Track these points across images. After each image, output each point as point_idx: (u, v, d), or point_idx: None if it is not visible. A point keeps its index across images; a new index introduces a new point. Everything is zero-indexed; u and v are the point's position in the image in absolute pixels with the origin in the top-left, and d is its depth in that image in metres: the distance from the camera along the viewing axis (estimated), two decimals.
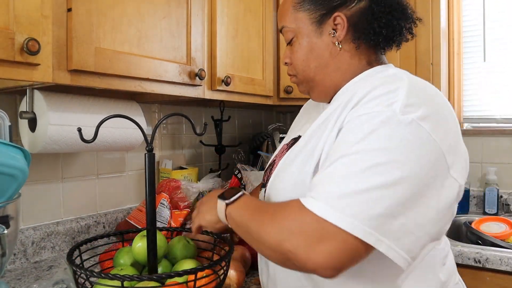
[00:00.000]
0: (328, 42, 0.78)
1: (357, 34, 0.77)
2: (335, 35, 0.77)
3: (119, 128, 1.17)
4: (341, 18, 0.76)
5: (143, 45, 1.03)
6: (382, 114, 0.62)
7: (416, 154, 0.60)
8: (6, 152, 0.76)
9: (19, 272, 1.06)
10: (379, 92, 0.65)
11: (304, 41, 0.80)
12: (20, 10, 0.76)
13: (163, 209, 1.30)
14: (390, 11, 0.75)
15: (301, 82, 0.85)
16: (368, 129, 0.62)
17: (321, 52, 0.79)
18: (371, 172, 0.58)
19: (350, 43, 0.77)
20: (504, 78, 1.90)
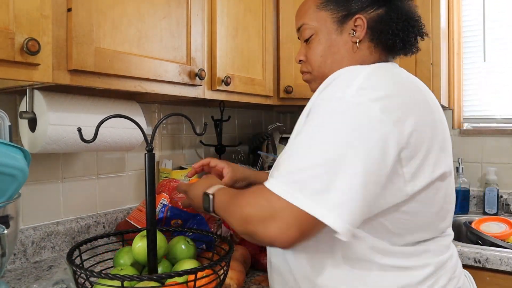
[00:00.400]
0: (347, 40, 0.84)
1: (373, 35, 0.82)
2: (355, 35, 0.83)
3: (119, 128, 1.17)
4: (362, 20, 0.82)
5: (143, 45, 1.03)
6: (334, 98, 0.67)
7: (360, 132, 0.63)
8: (6, 152, 0.76)
9: (19, 272, 1.06)
10: (341, 78, 0.69)
11: (324, 38, 0.85)
12: (20, 10, 0.76)
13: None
14: (406, 18, 0.82)
15: (315, 79, 0.89)
16: (320, 112, 0.67)
17: (339, 48, 0.84)
18: (315, 149, 0.64)
19: (367, 42, 0.83)
20: (504, 78, 1.90)
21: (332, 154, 0.62)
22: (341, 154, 0.62)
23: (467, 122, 1.98)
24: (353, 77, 0.68)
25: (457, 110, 1.97)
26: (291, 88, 1.58)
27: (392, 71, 0.73)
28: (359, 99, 0.65)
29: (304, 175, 0.62)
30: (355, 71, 0.70)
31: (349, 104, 0.65)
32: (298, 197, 0.61)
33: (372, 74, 0.68)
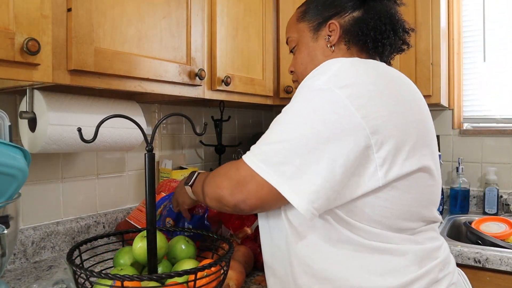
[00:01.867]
0: (322, 45, 0.89)
1: (347, 37, 0.87)
2: (329, 40, 0.88)
3: (119, 128, 1.17)
4: (335, 25, 0.87)
5: (143, 45, 1.03)
6: (306, 85, 0.72)
7: (323, 115, 0.68)
8: (6, 152, 0.76)
9: (19, 272, 1.06)
10: (320, 68, 0.73)
11: (303, 47, 0.92)
12: (20, 10, 0.76)
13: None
14: (379, 17, 0.85)
15: None
16: (296, 97, 0.74)
17: (316, 54, 0.90)
18: (281, 128, 0.71)
19: (342, 45, 0.88)
20: (504, 78, 1.90)
21: (294, 134, 0.69)
22: (304, 135, 0.68)
23: (467, 122, 1.98)
24: (328, 67, 0.72)
25: (457, 110, 1.97)
26: (291, 88, 1.58)
27: (370, 64, 0.75)
28: (328, 85, 0.69)
29: (267, 148, 0.71)
30: (331, 62, 0.73)
31: (318, 90, 0.70)
32: (263, 168, 0.69)
33: (345, 66, 0.72)
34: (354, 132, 0.67)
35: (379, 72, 0.74)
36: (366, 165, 0.69)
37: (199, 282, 0.75)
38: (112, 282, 0.72)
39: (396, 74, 0.79)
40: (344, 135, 0.67)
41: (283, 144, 0.69)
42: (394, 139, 0.69)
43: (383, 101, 0.70)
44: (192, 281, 0.74)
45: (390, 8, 0.88)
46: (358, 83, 0.69)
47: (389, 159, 0.69)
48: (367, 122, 0.67)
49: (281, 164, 0.68)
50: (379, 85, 0.71)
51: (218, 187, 0.76)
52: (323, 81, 0.70)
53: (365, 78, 0.71)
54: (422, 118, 0.77)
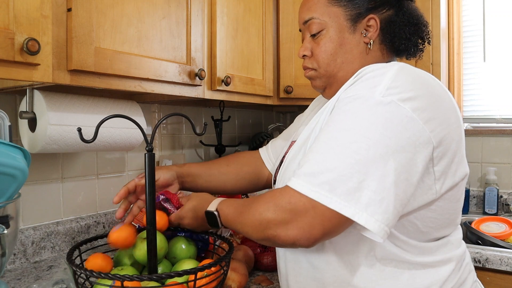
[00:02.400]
0: (359, 40, 0.81)
1: (385, 37, 0.81)
2: (367, 35, 0.80)
3: (119, 128, 1.17)
4: (375, 20, 0.80)
5: (143, 45, 1.03)
6: (362, 96, 0.66)
7: (391, 131, 0.62)
8: (6, 152, 0.76)
9: (19, 272, 1.06)
10: (367, 76, 0.68)
11: (336, 35, 0.81)
12: (20, 10, 0.76)
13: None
14: (416, 23, 0.81)
15: (320, 77, 0.85)
16: (348, 110, 0.66)
17: (352, 48, 0.81)
18: (344, 148, 0.63)
19: (378, 44, 0.81)
20: (504, 78, 1.90)
21: (363, 153, 0.62)
22: (372, 154, 0.61)
23: (467, 122, 1.98)
24: (380, 76, 0.67)
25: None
26: (291, 88, 1.58)
27: (416, 71, 0.72)
28: (389, 98, 0.64)
29: (333, 174, 0.62)
30: (382, 70, 0.68)
31: (379, 103, 0.64)
32: (327, 196, 0.61)
33: (399, 74, 0.67)
34: (425, 148, 0.64)
35: (430, 81, 0.71)
36: (424, 178, 0.66)
37: (199, 282, 0.75)
38: (112, 282, 0.72)
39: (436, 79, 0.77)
40: (416, 152, 0.63)
41: (353, 167, 0.61)
42: (450, 151, 0.68)
43: (441, 113, 0.67)
44: (192, 281, 0.74)
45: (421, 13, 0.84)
46: (420, 96, 0.66)
47: (445, 172, 0.68)
48: (434, 136, 0.65)
49: (354, 191, 0.61)
50: (436, 95, 0.68)
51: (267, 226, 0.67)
52: (380, 93, 0.64)
53: (424, 89, 0.67)
54: (461, 123, 0.75)
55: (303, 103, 1.63)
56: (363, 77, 0.69)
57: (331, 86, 0.85)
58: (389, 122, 0.63)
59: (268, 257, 1.10)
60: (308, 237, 0.63)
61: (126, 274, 0.69)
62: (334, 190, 0.61)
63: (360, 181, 0.61)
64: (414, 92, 0.65)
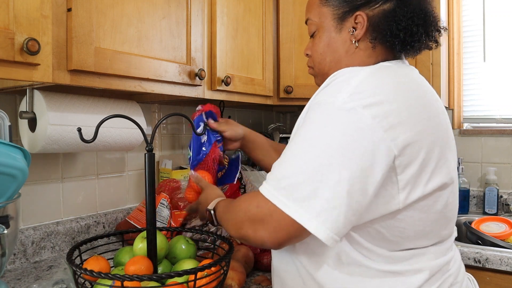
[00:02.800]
0: (345, 38, 0.80)
1: (374, 34, 0.77)
2: (354, 33, 0.79)
3: (119, 128, 1.17)
4: (362, 17, 0.77)
5: (143, 45, 1.03)
6: (325, 102, 0.66)
7: (349, 140, 0.62)
8: (6, 152, 0.76)
9: (19, 272, 1.06)
10: (336, 81, 0.68)
11: (324, 35, 0.83)
12: (20, 10, 0.76)
13: (163, 209, 1.30)
14: (411, 16, 0.75)
15: (316, 75, 0.88)
16: (310, 117, 0.68)
17: (337, 47, 0.81)
18: (303, 156, 0.64)
19: (367, 42, 0.79)
20: (504, 78, 1.90)
21: (319, 161, 0.63)
22: (328, 162, 0.62)
23: (467, 122, 1.98)
24: (347, 80, 0.67)
25: (457, 110, 1.97)
26: (291, 88, 1.58)
27: (393, 74, 0.70)
28: (351, 104, 0.63)
29: (291, 181, 0.64)
30: (351, 73, 0.68)
31: (339, 110, 0.64)
32: (285, 203, 0.63)
33: (368, 77, 0.67)
34: (384, 156, 0.62)
35: (405, 85, 0.69)
36: (387, 187, 0.65)
37: (199, 282, 0.75)
38: (112, 282, 0.72)
39: (419, 81, 0.75)
40: (374, 161, 0.62)
41: (308, 174, 0.63)
42: (419, 160, 0.65)
43: (411, 120, 0.65)
44: (192, 281, 0.74)
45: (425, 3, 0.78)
46: (384, 101, 0.64)
47: (412, 181, 0.65)
48: (396, 144, 0.63)
49: (307, 198, 0.62)
50: (406, 100, 0.66)
51: (240, 226, 0.71)
52: (344, 99, 0.64)
53: (391, 94, 0.65)
54: (445, 128, 0.73)
55: (303, 103, 1.63)
56: (332, 83, 0.69)
57: None
58: (348, 129, 0.63)
59: (268, 257, 1.10)
60: (273, 240, 0.66)
61: (126, 274, 0.69)
62: (290, 196, 0.63)
63: (315, 189, 0.62)
64: (378, 97, 0.64)
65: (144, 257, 0.81)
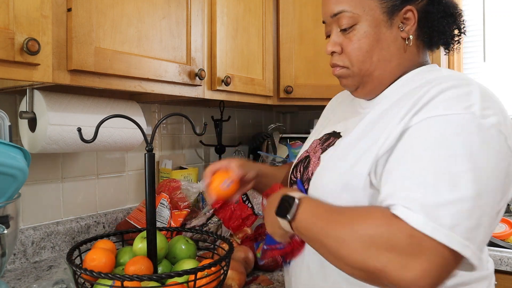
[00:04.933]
0: (397, 35, 0.73)
1: (426, 31, 0.73)
2: (404, 30, 0.73)
3: (119, 128, 1.17)
4: (413, 12, 0.72)
5: (143, 45, 1.03)
6: (460, 116, 0.59)
7: (495, 161, 0.58)
8: (6, 152, 0.76)
9: (19, 272, 1.06)
10: (452, 94, 0.62)
11: (372, 30, 0.73)
12: (20, 10, 0.76)
13: (163, 209, 1.30)
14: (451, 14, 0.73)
15: (353, 75, 0.77)
16: (447, 131, 0.59)
17: (388, 45, 0.73)
18: (460, 179, 0.56)
19: (415, 39, 0.74)
20: (504, 78, 1.90)
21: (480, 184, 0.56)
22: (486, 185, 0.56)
23: None
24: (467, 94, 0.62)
25: None
26: (291, 88, 1.58)
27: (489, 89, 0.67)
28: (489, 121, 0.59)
29: (454, 209, 0.54)
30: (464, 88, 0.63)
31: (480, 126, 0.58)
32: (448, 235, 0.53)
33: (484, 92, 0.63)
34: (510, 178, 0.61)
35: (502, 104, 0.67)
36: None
37: (199, 282, 0.75)
38: (112, 282, 0.72)
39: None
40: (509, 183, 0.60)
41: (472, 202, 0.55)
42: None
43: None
44: (192, 281, 0.74)
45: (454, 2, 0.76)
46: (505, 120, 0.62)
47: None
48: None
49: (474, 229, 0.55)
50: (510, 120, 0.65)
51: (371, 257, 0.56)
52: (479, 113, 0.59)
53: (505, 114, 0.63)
54: None
55: (303, 103, 1.63)
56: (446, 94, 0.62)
57: (364, 86, 0.78)
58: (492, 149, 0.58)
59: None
60: (431, 281, 0.54)
61: (126, 274, 0.69)
62: (455, 228, 0.54)
63: (479, 217, 0.55)
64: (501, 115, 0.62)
65: (144, 257, 0.81)
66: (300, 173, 0.83)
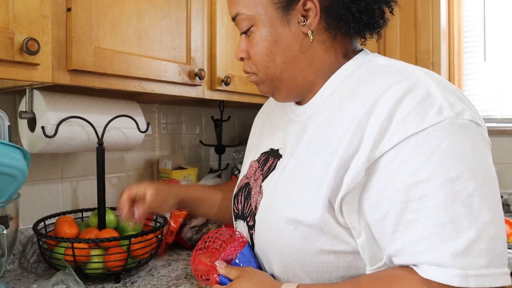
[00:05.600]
0: (297, 32, 0.65)
1: (333, 21, 0.65)
2: (306, 23, 0.65)
3: (119, 128, 1.17)
4: (312, 2, 0.64)
5: (143, 45, 1.02)
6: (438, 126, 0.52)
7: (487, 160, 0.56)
8: (6, 152, 0.76)
9: (18, 272, 1.06)
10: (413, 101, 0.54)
11: (267, 31, 0.66)
12: (19, 10, 0.76)
13: None
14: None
15: (263, 81, 0.71)
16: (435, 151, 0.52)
17: (289, 44, 0.66)
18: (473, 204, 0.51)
19: (324, 32, 0.66)
20: (504, 78, 1.90)
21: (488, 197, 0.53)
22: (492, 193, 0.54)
23: None
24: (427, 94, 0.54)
25: None
26: None
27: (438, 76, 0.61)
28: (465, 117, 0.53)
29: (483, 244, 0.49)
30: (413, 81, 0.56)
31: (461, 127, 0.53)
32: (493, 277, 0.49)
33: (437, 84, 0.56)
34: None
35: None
36: None
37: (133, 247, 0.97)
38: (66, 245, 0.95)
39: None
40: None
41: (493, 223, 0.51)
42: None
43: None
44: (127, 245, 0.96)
45: None
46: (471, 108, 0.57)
47: None
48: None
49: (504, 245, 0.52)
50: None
51: None
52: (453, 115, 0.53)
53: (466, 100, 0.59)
54: None
55: None
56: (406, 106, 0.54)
57: (280, 90, 0.71)
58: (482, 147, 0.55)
59: None
60: None
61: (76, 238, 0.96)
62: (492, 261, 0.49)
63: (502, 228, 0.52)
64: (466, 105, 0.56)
65: (94, 228, 1.05)
66: (242, 205, 0.75)
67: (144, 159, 1.51)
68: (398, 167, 0.53)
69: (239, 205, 0.77)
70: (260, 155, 0.77)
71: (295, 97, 0.73)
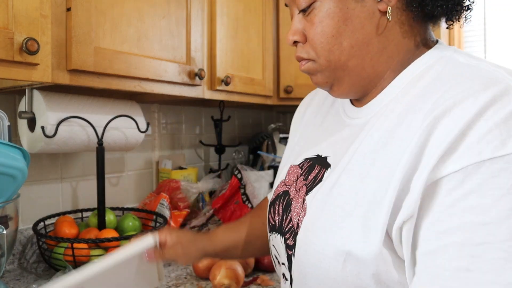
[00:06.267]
0: (372, 9, 0.54)
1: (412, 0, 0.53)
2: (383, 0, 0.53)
3: (119, 128, 1.17)
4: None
5: (143, 45, 1.02)
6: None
7: None
8: (5, 152, 0.76)
9: (18, 272, 1.06)
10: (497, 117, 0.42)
11: (335, 6, 0.54)
12: (19, 10, 0.76)
13: (162, 209, 1.29)
14: None
15: (323, 70, 0.59)
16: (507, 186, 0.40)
17: (362, 24, 0.54)
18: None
19: (403, 11, 0.54)
20: None
21: None
22: None
23: None
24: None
25: None
26: (291, 88, 1.58)
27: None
28: None
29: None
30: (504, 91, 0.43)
31: None
32: None
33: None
34: None
35: None
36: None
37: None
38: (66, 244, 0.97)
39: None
40: None
41: None
42: None
43: None
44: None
45: None
46: None
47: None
48: None
49: None
50: None
51: None
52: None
53: None
54: None
55: None
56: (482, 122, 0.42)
57: (340, 82, 0.59)
58: None
59: (268, 257, 1.10)
60: None
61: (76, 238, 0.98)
62: None
63: None
64: None
65: (94, 228, 1.07)
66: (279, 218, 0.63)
67: (144, 159, 1.51)
68: (460, 198, 0.42)
69: (276, 217, 0.65)
70: (304, 160, 0.65)
71: (356, 93, 0.60)
